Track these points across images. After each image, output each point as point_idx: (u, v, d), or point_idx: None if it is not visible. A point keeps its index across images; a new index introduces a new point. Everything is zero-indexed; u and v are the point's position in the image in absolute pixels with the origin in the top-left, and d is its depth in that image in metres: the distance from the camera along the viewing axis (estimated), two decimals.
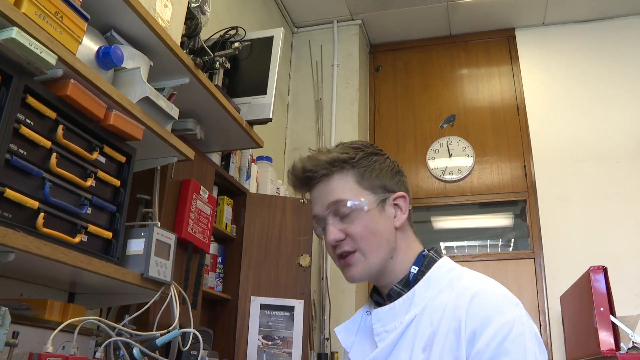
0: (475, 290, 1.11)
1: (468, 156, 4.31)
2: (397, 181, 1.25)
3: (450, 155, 4.35)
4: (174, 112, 1.79)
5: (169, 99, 1.81)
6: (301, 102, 4.52)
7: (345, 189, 1.20)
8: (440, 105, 4.56)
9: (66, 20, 1.36)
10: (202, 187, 2.34)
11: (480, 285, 1.13)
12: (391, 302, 1.20)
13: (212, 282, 2.76)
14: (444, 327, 1.09)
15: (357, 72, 4.48)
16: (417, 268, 1.22)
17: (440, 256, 1.26)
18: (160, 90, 1.80)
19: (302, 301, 2.90)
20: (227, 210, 2.88)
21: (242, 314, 2.79)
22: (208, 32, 2.54)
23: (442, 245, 4.43)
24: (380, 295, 1.29)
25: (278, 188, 3.54)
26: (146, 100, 1.67)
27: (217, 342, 2.78)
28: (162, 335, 1.60)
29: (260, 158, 3.47)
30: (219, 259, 2.86)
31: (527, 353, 1.02)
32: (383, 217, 1.20)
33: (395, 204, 1.23)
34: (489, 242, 4.30)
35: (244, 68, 2.62)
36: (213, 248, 2.80)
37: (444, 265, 1.22)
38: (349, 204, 1.18)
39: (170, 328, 1.57)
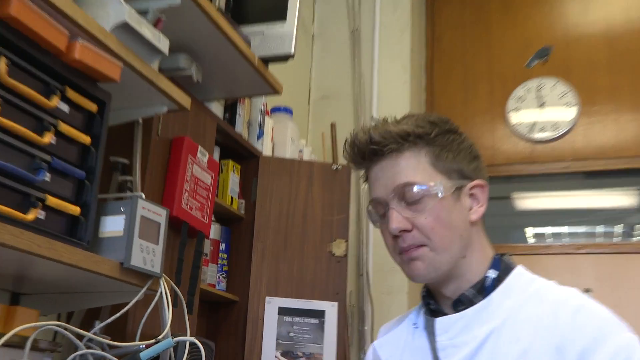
0: (579, 303, 1.24)
1: (569, 105, 4.21)
2: (475, 167, 1.37)
3: (541, 105, 4.26)
4: (163, 43, 1.78)
5: (155, 25, 1.79)
6: (331, 34, 4.48)
7: (418, 169, 1.31)
8: (528, 34, 4.43)
9: None
10: (199, 148, 2.34)
11: (580, 298, 1.27)
12: (459, 310, 1.33)
13: (212, 277, 2.78)
14: (539, 344, 1.20)
15: None
16: (495, 272, 1.34)
17: (513, 262, 1.39)
18: (142, 13, 1.79)
19: (336, 303, 2.92)
20: (233, 180, 2.90)
21: (253, 322, 2.82)
22: None
23: (530, 231, 4.37)
24: (437, 302, 1.40)
25: (301, 150, 3.56)
26: (124, 28, 1.65)
27: (218, 358, 2.81)
28: (147, 346, 1.61)
29: (276, 110, 3.48)
30: (222, 246, 2.88)
31: None
32: (458, 207, 1.32)
33: (471, 194, 1.35)
34: (601, 229, 4.20)
35: None
36: (214, 231, 2.82)
37: (523, 274, 1.36)
38: (420, 188, 1.29)
39: (160, 337, 1.58)
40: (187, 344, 1.79)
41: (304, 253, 2.97)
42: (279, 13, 2.49)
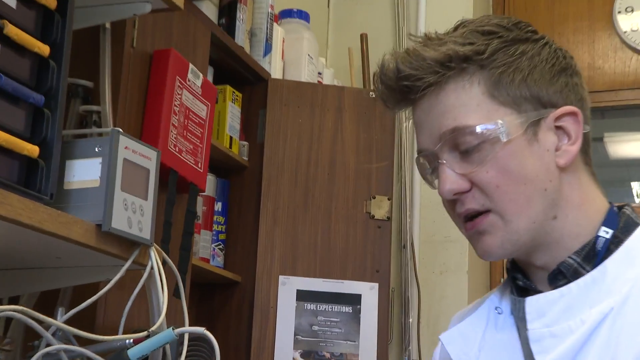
0: None
1: None
2: (561, 87, 1.26)
3: None
4: None
5: None
6: None
7: (469, 106, 1.23)
8: None
9: None
10: (191, 66, 2.31)
11: None
12: (560, 286, 1.24)
13: (204, 249, 2.77)
14: None
15: None
16: (609, 231, 1.24)
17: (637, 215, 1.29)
18: None
19: (376, 285, 2.93)
20: (232, 113, 2.89)
21: (262, 310, 2.84)
22: None
23: (635, 185, 4.34)
24: (528, 277, 1.33)
25: (320, 73, 3.54)
26: None
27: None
28: (136, 341, 1.59)
29: (287, 14, 3.44)
30: (218, 206, 2.88)
31: None
32: (535, 150, 1.23)
33: (557, 127, 1.25)
34: None
35: None
36: (209, 185, 2.79)
37: None
38: (475, 132, 1.21)
39: (154, 328, 1.56)
40: (186, 336, 1.77)
41: (331, 215, 2.96)
42: None
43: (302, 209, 2.94)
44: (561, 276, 1.25)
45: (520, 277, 1.32)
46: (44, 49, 1.57)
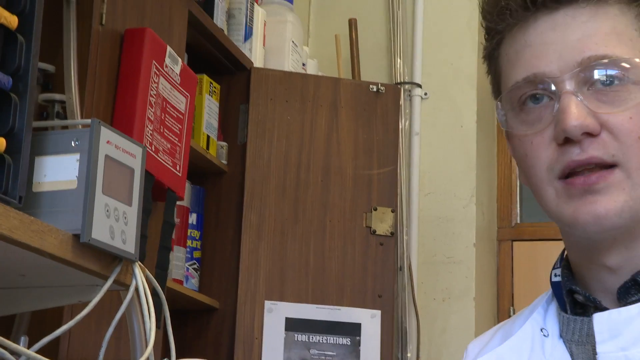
0: None
1: None
2: None
3: None
4: None
5: None
6: None
7: (624, 37, 1.15)
8: None
9: None
10: (168, 49, 2.27)
11: None
12: (631, 301, 1.16)
13: (178, 268, 2.73)
14: None
15: None
16: None
17: None
18: None
19: (378, 312, 2.91)
20: (210, 108, 2.86)
21: (244, 341, 2.81)
22: None
23: None
24: (586, 287, 1.25)
25: (304, 64, 3.54)
26: None
27: None
28: None
29: None
30: (192, 218, 2.84)
31: None
32: None
33: None
34: None
35: None
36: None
37: None
38: (630, 68, 1.13)
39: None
40: None
41: (326, 229, 2.93)
42: None
43: (292, 222, 2.91)
44: (635, 290, 1.17)
45: (580, 290, 1.23)
46: (11, 20, 1.53)
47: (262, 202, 2.90)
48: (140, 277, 1.72)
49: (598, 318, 1.14)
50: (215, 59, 2.92)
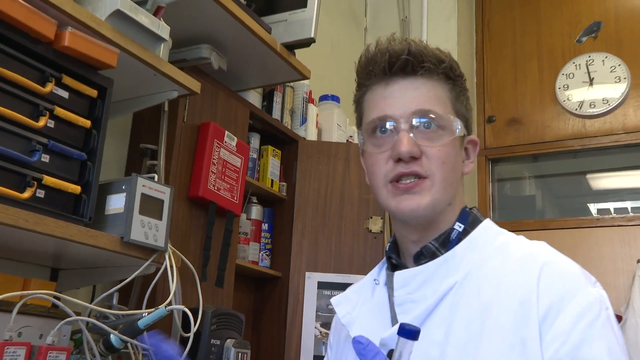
0: (546, 259, 1.11)
1: (619, 80, 3.93)
2: (470, 123, 1.29)
3: (591, 81, 4.01)
4: (163, 30, 1.76)
5: (155, 14, 1.78)
6: (382, 24, 4.40)
7: (441, 101, 1.20)
8: (578, 10, 4.19)
9: None
10: (226, 132, 2.32)
11: (548, 253, 1.14)
12: (421, 263, 1.19)
13: (254, 255, 2.77)
14: (503, 299, 1.08)
15: None
16: (462, 226, 1.22)
17: (481, 217, 1.27)
18: (142, 4, 1.77)
19: None
20: (273, 164, 2.86)
21: (294, 296, 2.80)
22: None
23: (593, 206, 4.09)
24: (400, 255, 1.27)
25: (351, 136, 3.49)
26: (120, 16, 1.64)
27: (264, 330, 2.80)
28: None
29: (323, 98, 3.43)
30: (265, 226, 2.86)
31: (618, 341, 1.03)
32: (459, 154, 1.24)
33: (466, 148, 1.27)
34: None
35: None
36: (256, 212, 2.80)
37: (490, 227, 1.24)
38: (442, 120, 1.19)
39: (161, 306, 1.55)
40: (178, 312, 1.76)
41: (341, 230, 2.90)
42: (299, 1, 2.44)
43: (322, 227, 2.89)
44: (423, 256, 1.20)
45: (394, 257, 1.27)
46: (86, 123, 1.59)
47: (304, 216, 2.88)
48: (168, 259, 1.73)
49: (396, 274, 1.19)
50: (277, 136, 2.92)
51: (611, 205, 3.99)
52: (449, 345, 1.08)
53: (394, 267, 1.27)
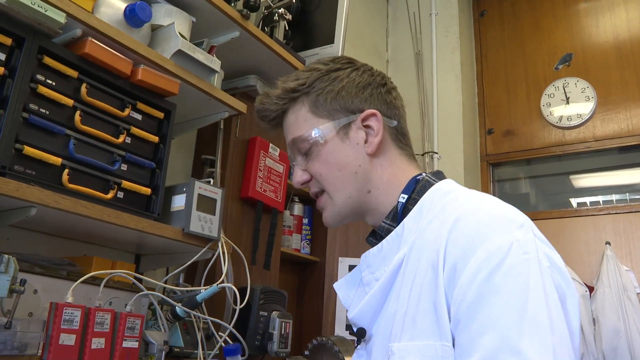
0: (462, 212, 0.86)
1: (588, 99, 3.90)
2: (367, 97, 1.04)
3: (567, 99, 3.96)
4: (215, 64, 1.77)
5: (209, 52, 1.80)
6: (400, 57, 4.36)
7: (299, 122, 1.04)
8: (554, 44, 4.17)
9: None
10: (270, 145, 2.32)
11: (471, 204, 0.88)
12: (379, 242, 1.01)
13: (296, 243, 2.76)
14: (424, 263, 0.87)
15: (456, 19, 4.23)
16: (405, 196, 1.00)
17: (440, 179, 1.02)
18: (199, 44, 1.80)
19: None
20: None
21: (329, 277, 2.77)
22: None
23: (574, 200, 4.02)
24: (376, 236, 1.09)
25: None
26: (181, 54, 1.67)
27: (306, 304, 2.79)
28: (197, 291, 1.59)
29: None
30: (305, 220, 2.85)
31: (529, 290, 0.75)
32: (347, 145, 1.02)
33: (365, 126, 1.03)
34: (625, 196, 3.83)
35: (314, 19, 2.56)
36: (298, 209, 2.80)
37: (441, 189, 0.98)
38: (304, 139, 1.03)
39: (218, 282, 1.56)
40: (229, 289, 1.75)
41: (367, 229, 2.86)
42: (329, 38, 2.44)
43: (350, 224, 2.86)
44: (379, 235, 1.03)
45: (370, 239, 1.09)
46: (155, 139, 1.62)
47: None
48: (221, 246, 1.73)
49: (362, 256, 1.03)
50: None
51: (587, 199, 3.91)
52: (397, 314, 0.90)
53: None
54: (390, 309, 0.92)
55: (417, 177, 1.02)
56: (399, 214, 0.99)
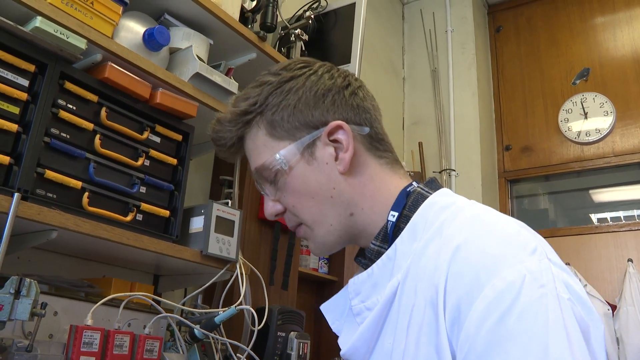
0: (463, 238, 0.72)
1: (607, 114, 3.88)
2: (328, 106, 0.87)
3: (585, 114, 3.93)
4: (232, 86, 1.79)
5: (226, 74, 1.82)
6: (417, 74, 4.38)
7: (259, 149, 0.89)
8: (571, 59, 4.15)
9: (98, 5, 1.42)
10: None
11: (474, 227, 0.75)
12: (369, 266, 0.86)
13: (314, 263, 2.76)
14: (421, 298, 0.74)
15: (472, 35, 4.24)
16: (395, 214, 0.84)
17: (434, 190, 0.87)
18: (216, 67, 1.82)
19: None
20: None
21: None
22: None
23: (594, 216, 3.98)
24: (365, 256, 0.92)
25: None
26: (199, 77, 1.69)
27: (324, 325, 2.77)
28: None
29: None
30: None
31: (549, 332, 0.63)
32: (316, 167, 0.86)
33: (333, 140, 0.86)
34: None
35: (330, 39, 2.58)
36: None
37: (436, 202, 0.83)
38: (267, 167, 0.88)
39: (233, 306, 1.57)
40: (247, 311, 1.76)
41: None
42: (345, 57, 2.46)
43: None
44: (369, 259, 0.87)
45: (358, 259, 0.93)
46: (173, 161, 1.63)
47: None
48: (239, 268, 1.73)
49: (350, 282, 0.88)
50: None
51: (608, 215, 3.86)
52: (394, 353, 0.77)
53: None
54: (386, 344, 0.80)
55: (408, 190, 0.87)
56: (389, 234, 0.84)
